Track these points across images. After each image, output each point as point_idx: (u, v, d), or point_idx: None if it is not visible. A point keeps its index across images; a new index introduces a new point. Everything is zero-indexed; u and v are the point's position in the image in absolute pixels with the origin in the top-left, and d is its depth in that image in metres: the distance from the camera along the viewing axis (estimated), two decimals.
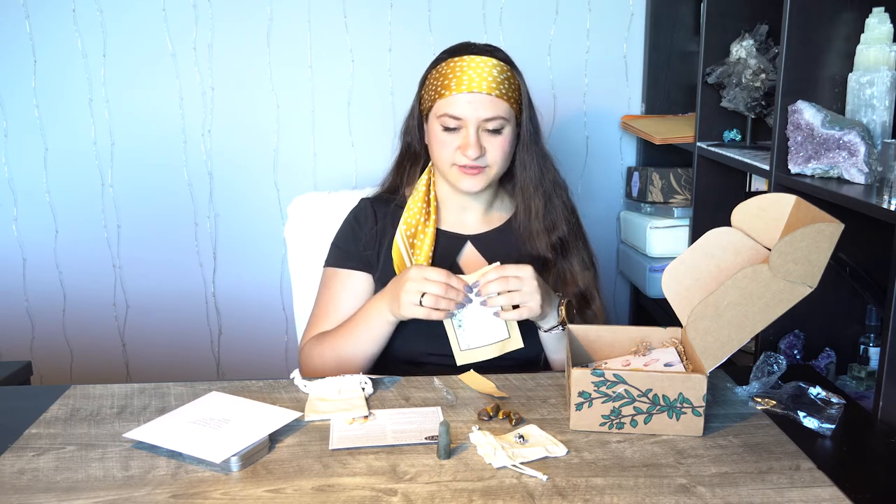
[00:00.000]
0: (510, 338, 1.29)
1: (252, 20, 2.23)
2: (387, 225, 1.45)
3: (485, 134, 1.34)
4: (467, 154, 1.33)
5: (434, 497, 0.91)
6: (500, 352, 1.29)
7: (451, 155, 1.35)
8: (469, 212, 1.46)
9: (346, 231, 1.48)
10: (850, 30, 1.47)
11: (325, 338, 1.38)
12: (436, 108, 1.35)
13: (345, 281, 1.43)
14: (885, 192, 1.22)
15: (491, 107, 1.32)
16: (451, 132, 1.34)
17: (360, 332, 1.33)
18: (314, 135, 2.32)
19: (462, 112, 1.32)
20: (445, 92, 1.33)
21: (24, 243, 2.32)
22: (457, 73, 1.33)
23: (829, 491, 0.93)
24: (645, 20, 2.32)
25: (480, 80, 1.32)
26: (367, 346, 1.33)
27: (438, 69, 1.36)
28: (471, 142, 1.32)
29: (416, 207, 1.41)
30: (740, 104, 1.88)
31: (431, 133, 1.38)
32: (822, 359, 1.54)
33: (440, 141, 1.36)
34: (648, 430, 1.06)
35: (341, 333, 1.36)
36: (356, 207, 1.50)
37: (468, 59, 1.33)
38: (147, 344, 2.40)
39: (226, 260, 2.37)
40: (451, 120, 1.33)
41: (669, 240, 2.13)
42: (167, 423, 1.07)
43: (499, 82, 1.33)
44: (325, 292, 1.45)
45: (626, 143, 2.41)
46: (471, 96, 1.31)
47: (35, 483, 0.95)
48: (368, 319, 1.32)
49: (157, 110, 2.26)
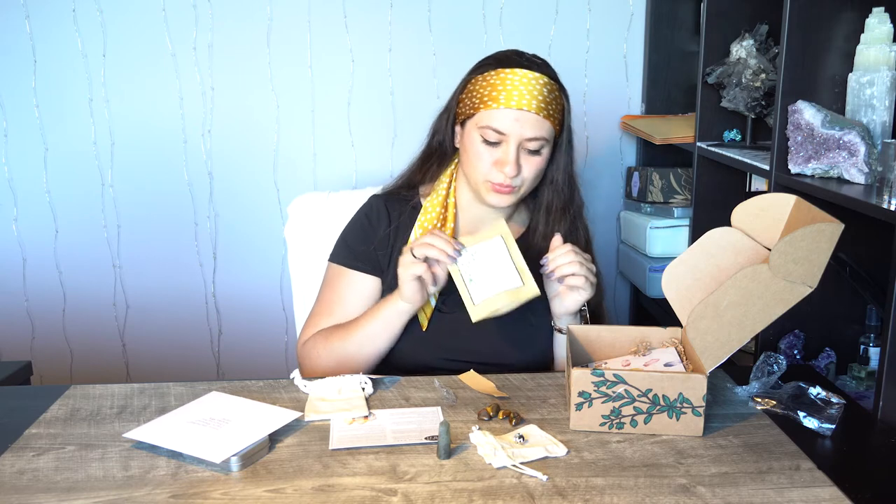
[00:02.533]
0: (524, 285, 1.22)
1: (252, 20, 2.23)
2: (401, 226, 1.41)
3: (523, 152, 1.30)
4: (504, 171, 1.29)
5: (434, 497, 0.91)
6: (516, 301, 1.22)
7: (486, 169, 1.31)
8: (485, 224, 1.41)
9: (356, 229, 1.43)
10: (850, 30, 1.47)
11: (330, 334, 1.35)
12: (478, 118, 1.30)
13: (351, 282, 1.40)
14: (885, 192, 1.22)
15: (536, 126, 1.28)
16: (490, 145, 1.29)
17: (372, 327, 1.30)
18: (314, 135, 2.32)
19: (507, 128, 1.27)
20: (492, 104, 1.28)
21: (24, 243, 2.32)
22: (507, 85, 1.27)
23: (829, 491, 0.93)
24: (645, 20, 2.32)
25: (531, 98, 1.27)
26: (379, 342, 1.31)
27: (486, 77, 1.30)
28: (510, 160, 1.28)
29: (435, 213, 1.38)
30: (740, 104, 1.88)
31: (468, 142, 1.33)
32: (822, 359, 1.54)
33: (477, 152, 1.31)
34: (648, 430, 1.06)
35: (350, 331, 1.33)
36: (368, 205, 1.45)
37: (520, 74, 1.27)
38: (147, 344, 2.40)
39: (226, 260, 2.37)
40: (493, 133, 1.28)
41: (669, 240, 2.13)
42: (167, 423, 1.07)
43: (547, 102, 1.29)
44: (329, 290, 1.42)
45: (626, 143, 2.41)
46: (518, 113, 1.27)
47: (35, 483, 0.95)
48: (381, 314, 1.30)
49: (157, 110, 2.26)
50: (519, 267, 1.23)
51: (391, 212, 1.42)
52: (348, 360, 1.32)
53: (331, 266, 1.43)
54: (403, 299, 1.26)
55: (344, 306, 1.39)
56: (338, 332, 1.35)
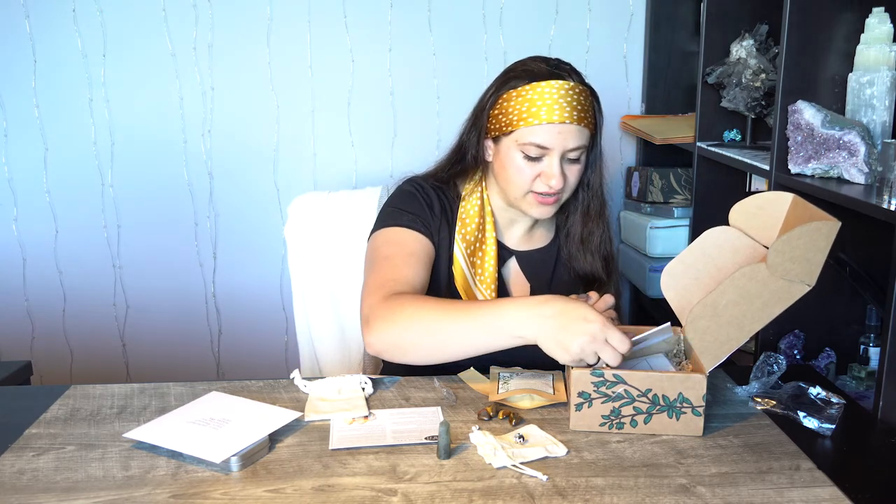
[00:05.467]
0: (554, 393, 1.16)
1: (252, 20, 2.23)
2: (449, 214, 1.36)
3: (564, 161, 1.28)
4: (550, 184, 1.27)
5: (434, 497, 0.91)
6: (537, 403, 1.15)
7: (528, 182, 1.28)
8: (514, 228, 1.40)
9: (409, 199, 1.35)
10: (850, 30, 1.47)
11: (430, 301, 1.16)
12: (518, 135, 1.27)
13: (421, 243, 1.29)
14: (885, 192, 1.22)
15: (578, 136, 1.26)
16: (532, 160, 1.27)
17: (480, 327, 1.11)
18: (314, 135, 2.32)
19: (550, 142, 1.25)
20: (533, 120, 1.25)
21: (24, 243, 2.32)
22: (545, 100, 1.25)
23: (829, 491, 0.93)
24: (645, 20, 2.32)
25: (571, 110, 1.25)
26: (474, 343, 1.12)
27: (520, 92, 1.26)
28: (555, 172, 1.26)
29: (474, 224, 1.35)
30: (740, 104, 1.88)
31: (506, 159, 1.29)
32: (822, 359, 1.54)
33: (518, 168, 1.28)
34: (648, 430, 1.06)
35: (455, 311, 1.13)
36: (415, 184, 1.37)
37: (556, 86, 1.25)
38: (147, 344, 2.41)
39: (226, 260, 2.37)
40: (536, 149, 1.26)
41: (669, 240, 2.13)
42: (167, 423, 1.07)
43: (585, 109, 1.27)
44: (397, 249, 1.27)
45: (626, 143, 2.41)
46: (560, 126, 1.24)
47: (35, 483, 0.95)
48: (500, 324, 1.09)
49: (157, 110, 2.26)
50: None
51: (438, 195, 1.36)
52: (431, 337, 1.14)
53: (381, 233, 1.32)
54: (549, 347, 1.06)
55: (421, 264, 1.27)
56: (436, 304, 1.15)
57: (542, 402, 1.14)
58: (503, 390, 1.16)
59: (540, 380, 1.20)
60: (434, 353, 1.14)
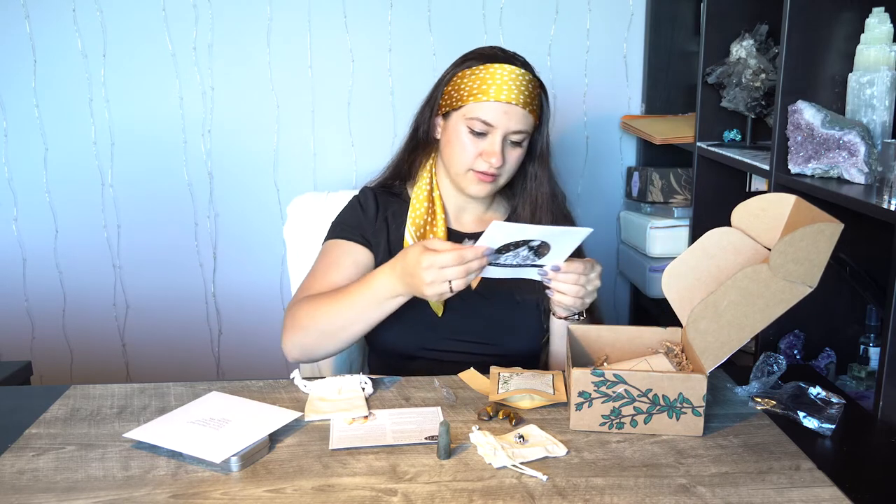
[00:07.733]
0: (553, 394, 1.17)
1: (252, 20, 2.23)
2: (389, 217, 1.43)
3: (506, 144, 1.34)
4: (490, 161, 1.33)
5: (434, 497, 0.91)
6: (537, 403, 1.16)
7: (470, 159, 1.34)
8: (466, 212, 1.47)
9: (348, 212, 1.46)
10: (850, 30, 1.47)
11: (321, 299, 1.28)
12: (466, 110, 1.34)
13: (347, 251, 1.39)
14: (885, 192, 1.22)
15: (522, 120, 1.33)
16: (477, 136, 1.33)
17: (364, 305, 1.24)
18: (314, 135, 2.32)
19: (496, 120, 1.32)
20: (482, 96, 1.32)
21: (24, 243, 2.32)
22: (496, 79, 1.32)
23: (829, 491, 0.93)
24: (645, 20, 2.32)
25: (519, 93, 1.32)
26: (368, 320, 1.25)
27: (474, 71, 1.34)
28: (497, 150, 1.32)
29: (423, 208, 1.41)
30: (740, 104, 1.88)
31: (453, 133, 1.36)
32: (822, 359, 1.54)
33: (462, 143, 1.34)
34: (648, 430, 1.06)
35: (341, 300, 1.25)
36: (360, 194, 1.48)
37: (508, 69, 1.32)
38: (147, 344, 2.40)
39: (226, 260, 2.37)
40: (481, 125, 1.32)
41: (669, 240, 2.13)
42: (167, 423, 1.07)
43: (533, 97, 1.34)
44: (322, 260, 1.40)
45: (626, 143, 2.41)
46: (508, 106, 1.31)
47: (35, 483, 0.95)
48: (376, 295, 1.22)
49: (157, 110, 2.26)
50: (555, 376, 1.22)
51: (380, 201, 1.45)
52: (335, 329, 1.26)
53: (324, 245, 1.43)
54: (419, 296, 1.19)
55: (340, 270, 1.36)
56: (327, 299, 1.28)
57: (542, 402, 1.15)
58: (503, 390, 1.16)
59: (540, 380, 1.20)
60: (336, 343, 1.28)
